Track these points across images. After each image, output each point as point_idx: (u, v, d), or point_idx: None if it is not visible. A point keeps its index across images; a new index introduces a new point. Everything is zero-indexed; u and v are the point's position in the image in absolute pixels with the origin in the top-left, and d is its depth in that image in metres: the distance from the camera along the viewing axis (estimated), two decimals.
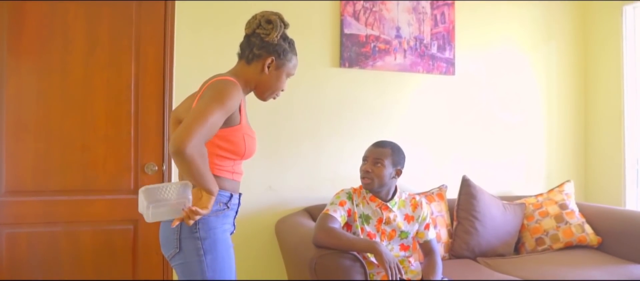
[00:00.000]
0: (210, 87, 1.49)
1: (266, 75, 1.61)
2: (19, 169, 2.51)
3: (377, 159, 2.14)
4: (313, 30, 2.98)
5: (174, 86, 2.71)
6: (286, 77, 1.67)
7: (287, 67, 1.65)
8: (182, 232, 1.47)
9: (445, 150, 3.27)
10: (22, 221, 2.52)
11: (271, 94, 1.67)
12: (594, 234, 2.93)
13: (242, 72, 1.62)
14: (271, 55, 1.60)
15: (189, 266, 1.47)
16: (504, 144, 3.42)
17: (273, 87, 1.65)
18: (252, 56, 1.60)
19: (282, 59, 1.62)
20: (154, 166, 2.68)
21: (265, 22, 1.59)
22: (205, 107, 1.39)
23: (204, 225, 1.48)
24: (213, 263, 1.47)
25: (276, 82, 1.64)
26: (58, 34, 2.56)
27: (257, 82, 1.63)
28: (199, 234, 1.47)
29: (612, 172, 3.41)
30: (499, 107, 3.40)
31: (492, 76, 3.39)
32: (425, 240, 2.23)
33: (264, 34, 1.58)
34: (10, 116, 2.50)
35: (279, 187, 2.89)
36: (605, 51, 3.47)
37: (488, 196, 2.96)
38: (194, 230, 1.47)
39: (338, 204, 2.14)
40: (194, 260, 1.46)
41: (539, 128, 3.52)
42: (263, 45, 1.59)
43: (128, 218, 2.66)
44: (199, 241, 1.47)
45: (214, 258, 1.47)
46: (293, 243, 2.35)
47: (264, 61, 1.60)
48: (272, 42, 1.59)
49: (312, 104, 2.99)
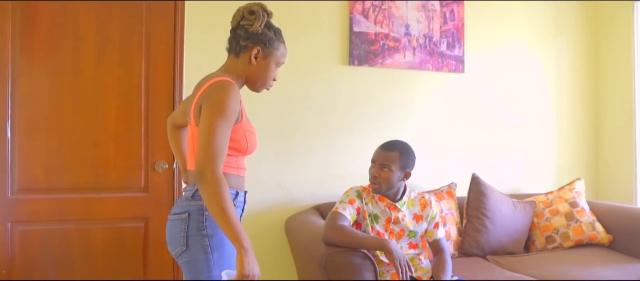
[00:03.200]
0: (207, 97, 1.48)
1: (254, 65, 1.61)
2: (32, 167, 2.53)
3: (384, 164, 2.12)
4: (322, 28, 2.99)
5: (184, 84, 2.72)
6: (276, 67, 1.66)
7: (275, 56, 1.64)
8: (189, 230, 1.48)
9: (455, 148, 3.26)
10: (35, 219, 2.54)
11: (262, 84, 1.66)
12: (604, 232, 2.91)
13: (232, 67, 1.63)
14: (257, 45, 1.59)
15: (195, 264, 1.47)
16: (513, 142, 3.40)
17: (263, 77, 1.64)
18: (238, 48, 1.61)
19: (269, 48, 1.61)
20: (164, 164, 2.69)
21: (248, 13, 1.59)
22: (210, 125, 1.42)
23: (211, 223, 1.47)
24: (220, 261, 1.47)
25: (265, 72, 1.63)
26: (69, 33, 2.57)
27: (247, 74, 1.63)
28: (206, 232, 1.47)
29: (623, 170, 3.38)
30: (508, 105, 3.39)
31: (501, 73, 3.37)
32: (435, 239, 2.23)
33: (248, 24, 1.59)
34: (22, 114, 2.52)
35: (289, 185, 2.89)
36: (616, 48, 3.44)
37: (498, 194, 2.95)
38: (201, 228, 1.47)
39: (347, 202, 2.14)
40: (201, 258, 1.46)
41: (549, 125, 3.50)
42: (248, 36, 1.59)
43: (139, 216, 2.68)
44: (206, 238, 1.47)
45: (220, 255, 1.47)
46: (303, 241, 2.36)
47: (251, 51, 1.60)
48: (257, 32, 1.59)
49: (321, 102, 2.99)
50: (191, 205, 1.51)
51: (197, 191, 1.50)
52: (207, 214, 1.48)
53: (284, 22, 1.85)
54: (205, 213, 1.48)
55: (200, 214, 1.49)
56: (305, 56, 2.94)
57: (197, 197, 1.50)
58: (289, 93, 2.92)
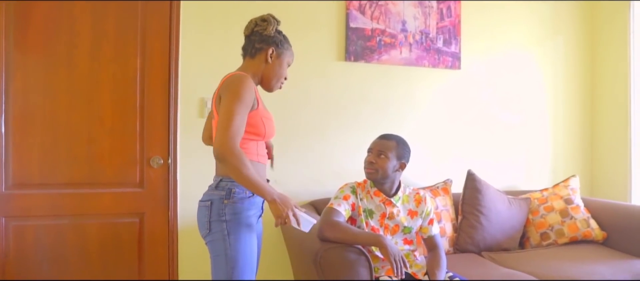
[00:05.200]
0: (225, 88, 1.70)
1: (270, 64, 1.84)
2: (26, 162, 2.53)
3: (381, 151, 2.14)
4: (319, 24, 2.98)
5: (180, 80, 2.72)
6: (287, 66, 1.89)
7: (286, 56, 1.87)
8: (211, 216, 1.72)
9: (450, 144, 3.27)
10: (29, 214, 2.54)
11: (277, 81, 1.88)
12: (599, 229, 2.93)
13: (249, 67, 1.84)
14: (271, 46, 1.82)
15: (215, 244, 1.71)
16: (509, 139, 3.41)
17: (278, 74, 1.86)
18: (254, 50, 1.83)
19: (281, 48, 1.85)
20: (159, 160, 2.69)
21: (261, 21, 1.84)
22: (228, 109, 1.63)
23: (230, 210, 1.71)
24: (235, 243, 1.69)
25: (279, 70, 1.86)
26: (64, 28, 2.56)
27: (262, 72, 1.85)
28: (226, 217, 1.70)
29: (618, 167, 3.40)
30: (504, 102, 3.39)
31: (498, 70, 3.38)
32: (429, 235, 2.23)
33: (261, 29, 1.82)
34: (17, 109, 2.51)
35: (285, 181, 2.89)
36: (612, 46, 3.45)
37: (493, 191, 2.96)
38: (221, 214, 1.71)
39: (342, 198, 2.14)
40: (219, 239, 1.70)
41: (545, 123, 3.50)
42: (262, 39, 1.82)
43: (134, 211, 2.67)
44: (225, 223, 1.70)
45: (236, 238, 1.70)
46: (298, 237, 2.36)
47: (266, 51, 1.82)
48: (270, 35, 1.82)
49: (317, 98, 2.99)
50: (214, 194, 1.74)
51: (220, 181, 1.74)
52: (226, 203, 1.71)
53: (280, 17, 1.87)
54: (225, 202, 1.71)
55: (221, 203, 1.71)
56: (302, 51, 2.92)
57: (220, 188, 1.73)
58: (285, 89, 2.84)
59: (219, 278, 1.71)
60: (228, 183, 1.73)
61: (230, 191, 1.72)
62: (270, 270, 2.89)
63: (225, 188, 1.73)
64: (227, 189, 1.72)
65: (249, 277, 1.72)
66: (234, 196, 1.72)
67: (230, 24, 2.77)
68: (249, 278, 1.72)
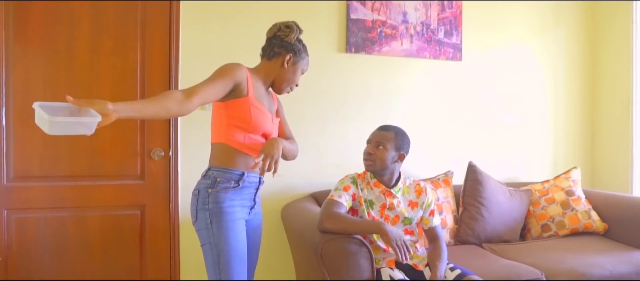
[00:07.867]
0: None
1: (285, 69, 1.91)
2: (27, 154, 2.53)
3: (380, 141, 2.14)
4: (319, 15, 2.97)
5: (180, 71, 2.71)
6: (301, 73, 1.97)
7: (301, 64, 1.95)
8: (198, 204, 1.76)
9: (451, 136, 3.26)
10: (31, 206, 2.54)
11: (288, 86, 1.95)
12: (600, 220, 2.92)
13: (264, 68, 1.92)
14: (289, 52, 1.90)
15: (201, 233, 1.76)
16: (510, 130, 3.40)
17: (290, 80, 1.94)
18: (272, 53, 1.90)
19: (298, 56, 1.92)
20: (160, 152, 2.69)
21: (285, 27, 1.91)
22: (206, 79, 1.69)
23: (213, 199, 1.74)
24: (218, 232, 1.72)
25: (293, 76, 1.94)
26: (64, 20, 2.56)
27: (276, 75, 1.92)
28: (209, 206, 1.74)
29: (619, 159, 3.39)
30: (505, 93, 3.38)
31: (499, 62, 3.36)
32: (430, 226, 2.23)
33: (284, 35, 1.90)
34: (17, 102, 2.51)
35: (285, 173, 2.89)
36: (613, 36, 3.43)
37: (494, 182, 2.96)
38: (205, 202, 1.74)
39: (342, 189, 2.14)
40: (203, 227, 1.74)
41: (546, 115, 3.50)
42: (283, 45, 1.90)
43: (135, 203, 2.68)
44: (208, 212, 1.73)
45: (219, 227, 1.73)
46: (299, 229, 2.36)
47: (284, 57, 1.90)
48: (290, 42, 1.90)
49: (317, 90, 2.98)
50: (201, 183, 1.79)
51: (208, 170, 1.79)
52: (210, 192, 1.74)
53: (281, 8, 1.88)
54: (209, 191, 1.74)
55: (205, 192, 1.75)
56: None
57: (206, 177, 1.77)
58: None
59: (209, 266, 1.75)
60: (214, 172, 1.77)
61: (215, 180, 1.75)
62: (271, 261, 2.90)
63: (211, 176, 1.76)
64: (213, 178, 1.76)
65: (239, 265, 1.74)
66: (218, 185, 1.75)
67: (230, 14, 2.76)
68: (238, 266, 1.74)
